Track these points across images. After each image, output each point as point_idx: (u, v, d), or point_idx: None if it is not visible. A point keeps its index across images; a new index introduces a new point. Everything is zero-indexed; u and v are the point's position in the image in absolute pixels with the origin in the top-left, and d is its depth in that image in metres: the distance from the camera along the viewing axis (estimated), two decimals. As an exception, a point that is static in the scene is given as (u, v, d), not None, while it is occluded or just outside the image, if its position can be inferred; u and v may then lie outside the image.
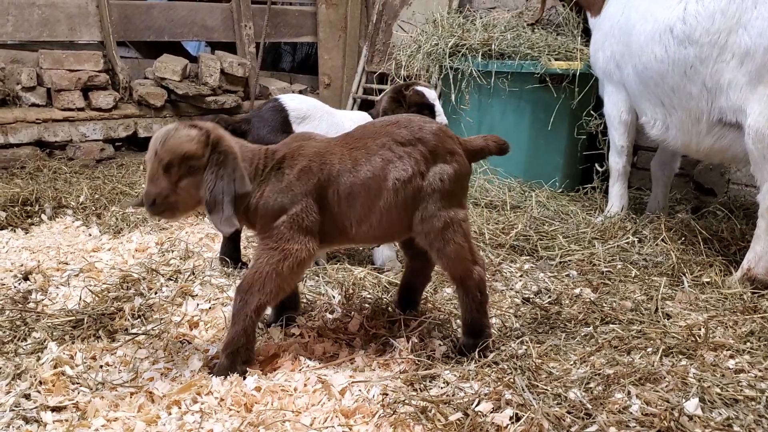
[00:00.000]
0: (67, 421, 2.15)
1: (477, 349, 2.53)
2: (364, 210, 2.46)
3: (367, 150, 2.46)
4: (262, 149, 2.49)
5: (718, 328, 2.81)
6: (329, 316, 2.91)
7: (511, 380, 2.30)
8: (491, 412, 2.15)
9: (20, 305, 3.00)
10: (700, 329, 2.73)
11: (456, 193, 2.51)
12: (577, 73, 4.68)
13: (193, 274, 3.34)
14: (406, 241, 2.79)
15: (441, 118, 3.42)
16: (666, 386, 2.28)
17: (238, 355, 2.40)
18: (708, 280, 3.35)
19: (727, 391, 2.26)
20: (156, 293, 3.12)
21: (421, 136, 2.47)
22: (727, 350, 2.58)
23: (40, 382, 2.32)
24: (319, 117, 3.38)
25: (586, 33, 4.89)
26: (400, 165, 2.44)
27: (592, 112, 4.80)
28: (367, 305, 3.01)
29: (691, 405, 2.14)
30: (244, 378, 2.37)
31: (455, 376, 2.39)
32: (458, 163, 2.51)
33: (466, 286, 2.54)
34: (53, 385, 2.31)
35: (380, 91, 6.46)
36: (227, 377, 2.35)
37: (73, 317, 2.83)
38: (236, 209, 2.34)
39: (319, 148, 2.49)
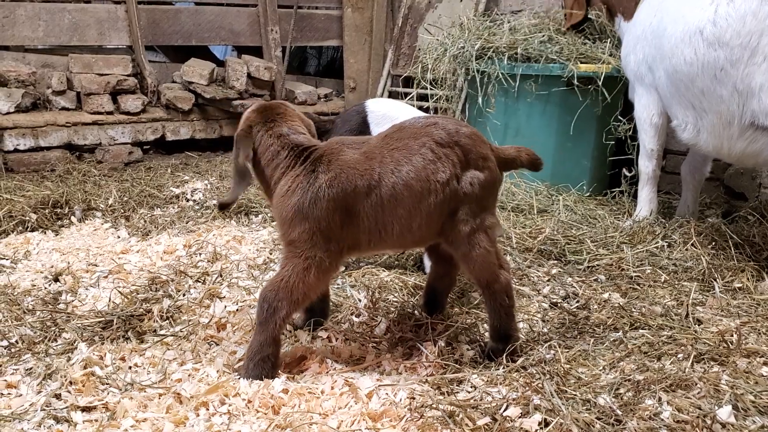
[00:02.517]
0: (96, 421, 2.17)
1: (505, 354, 2.51)
2: (406, 211, 2.39)
3: (408, 150, 2.41)
4: (298, 141, 2.47)
5: (751, 334, 2.76)
6: (355, 319, 2.91)
7: (540, 385, 2.28)
8: (519, 417, 2.13)
9: (51, 306, 3.03)
10: (732, 335, 2.69)
11: (486, 199, 2.49)
12: (602, 76, 4.63)
13: (221, 276, 3.36)
14: (431, 245, 2.79)
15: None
16: (698, 393, 2.25)
17: (267, 362, 2.39)
18: (740, 285, 3.30)
19: (761, 398, 2.22)
20: (184, 295, 3.14)
21: (458, 139, 2.45)
22: (760, 357, 2.54)
23: (71, 382, 2.35)
24: (394, 118, 3.42)
25: (614, 37, 4.84)
26: (440, 166, 2.40)
27: (620, 117, 4.76)
28: (393, 309, 3.00)
29: (724, 412, 2.11)
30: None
31: (483, 380, 2.38)
32: (490, 170, 2.49)
33: (493, 291, 2.53)
34: (83, 386, 2.33)
35: (405, 94, 6.46)
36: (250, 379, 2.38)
37: (103, 318, 2.86)
38: (239, 182, 2.48)
39: (358, 155, 2.42)
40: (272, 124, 2.50)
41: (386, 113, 3.44)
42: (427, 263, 3.46)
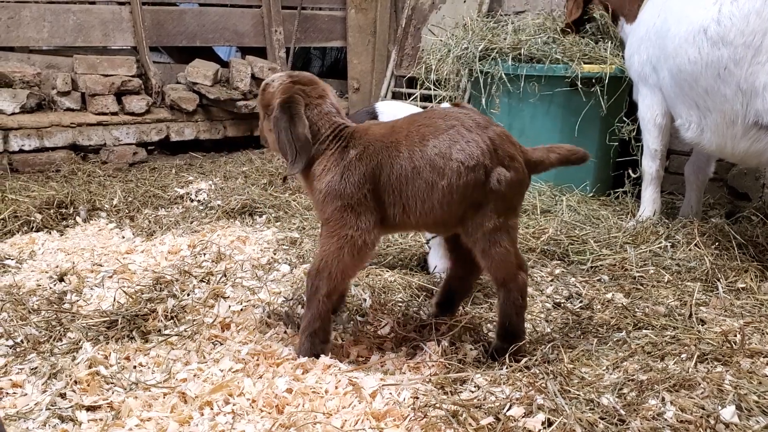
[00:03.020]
0: (101, 420, 2.18)
1: (508, 354, 2.51)
2: (427, 186, 2.41)
3: (435, 128, 2.43)
4: (338, 121, 2.54)
5: (755, 334, 2.76)
6: (360, 319, 2.92)
7: (543, 385, 2.28)
8: (523, 417, 2.13)
9: (56, 306, 3.04)
10: (735, 335, 2.69)
11: (510, 199, 2.46)
12: (607, 77, 4.63)
13: (225, 276, 3.37)
14: (453, 245, 2.81)
15: None
16: (701, 393, 2.25)
17: (317, 336, 2.53)
18: (743, 285, 3.30)
19: (764, 398, 2.22)
20: (188, 295, 3.15)
21: (488, 131, 2.43)
22: (764, 357, 2.54)
23: (76, 382, 2.36)
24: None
25: (616, 38, 4.84)
26: (466, 148, 2.39)
27: (624, 118, 4.75)
28: (397, 309, 3.01)
29: (728, 412, 2.11)
30: (318, 357, 2.52)
31: (486, 380, 2.38)
32: (516, 170, 2.45)
33: (508, 289, 2.52)
34: (88, 385, 2.35)
35: (409, 95, 6.47)
36: (304, 357, 2.53)
37: (108, 318, 2.87)
38: (299, 155, 2.45)
39: (385, 130, 2.51)
40: (320, 101, 2.55)
41: (396, 115, 3.44)
42: (431, 264, 3.47)
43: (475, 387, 2.35)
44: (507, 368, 2.46)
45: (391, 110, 3.49)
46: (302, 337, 2.55)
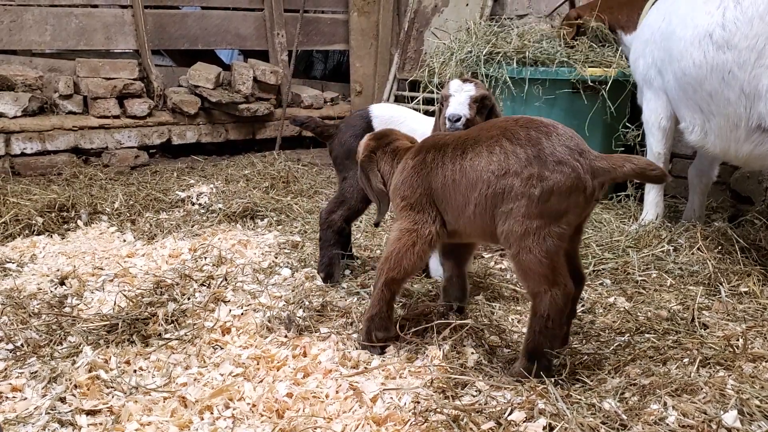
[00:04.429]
0: (101, 424, 2.17)
1: (532, 375, 2.37)
2: (463, 198, 2.49)
3: (476, 141, 2.48)
4: (405, 145, 2.82)
5: (757, 338, 2.75)
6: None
7: (545, 389, 2.27)
8: (524, 422, 2.12)
9: (56, 309, 3.04)
10: (738, 340, 2.68)
11: (552, 204, 2.31)
12: (610, 80, 4.62)
13: (226, 280, 3.36)
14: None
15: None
16: (703, 398, 2.24)
17: (373, 322, 2.68)
18: (746, 289, 3.28)
19: (767, 403, 2.21)
20: (189, 299, 3.14)
21: (535, 139, 2.35)
22: (766, 362, 2.52)
23: (76, 386, 2.35)
24: (399, 122, 3.42)
25: (617, 43, 4.85)
26: (499, 159, 2.37)
27: (627, 124, 4.74)
28: (399, 313, 3.00)
29: (730, 417, 2.10)
30: (383, 351, 2.67)
31: (488, 384, 2.37)
32: (564, 175, 2.30)
33: (535, 304, 2.39)
34: (88, 389, 2.34)
35: (412, 98, 6.46)
36: (363, 342, 2.70)
37: (108, 322, 2.87)
38: (382, 204, 2.83)
39: (440, 139, 2.66)
40: (386, 147, 2.84)
41: (391, 117, 3.45)
42: (433, 268, 3.46)
43: (476, 391, 2.34)
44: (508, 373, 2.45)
45: (384, 113, 3.48)
46: (364, 319, 2.74)
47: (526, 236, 2.33)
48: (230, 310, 3.01)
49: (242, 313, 2.99)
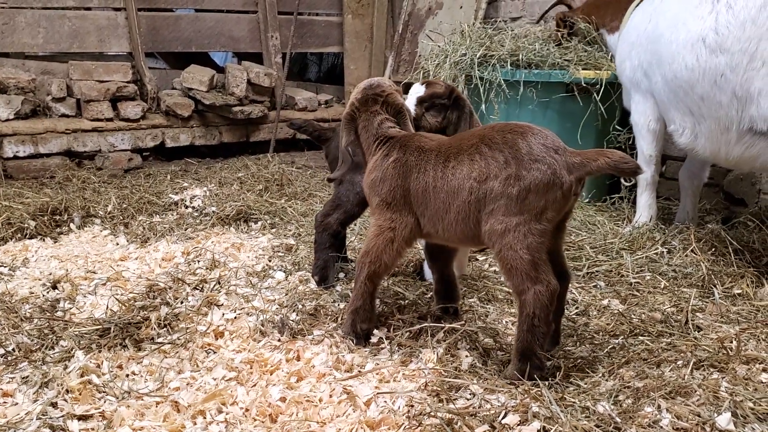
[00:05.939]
0: (93, 429, 2.16)
1: (526, 376, 2.38)
2: (444, 205, 2.54)
3: (458, 150, 2.53)
4: (391, 132, 2.77)
5: (750, 340, 2.75)
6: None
7: (539, 392, 2.27)
8: (518, 425, 2.12)
9: (48, 314, 3.03)
10: (731, 342, 2.68)
11: (529, 202, 2.35)
12: (603, 82, 4.63)
13: (219, 283, 3.35)
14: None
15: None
16: (697, 400, 2.24)
17: (357, 315, 2.75)
18: (739, 291, 3.29)
19: (760, 405, 2.21)
20: (182, 302, 3.13)
21: (512, 141, 2.40)
22: (759, 363, 2.53)
23: (67, 391, 2.34)
24: None
25: (604, 44, 4.88)
26: (480, 165, 2.43)
27: (617, 126, 4.75)
28: (393, 316, 3.00)
29: (724, 419, 2.10)
30: (367, 341, 2.74)
31: (482, 387, 2.36)
32: (540, 172, 2.34)
33: (521, 302, 2.40)
34: (80, 394, 2.33)
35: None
36: (345, 332, 2.77)
37: (100, 326, 2.85)
38: (342, 163, 2.86)
39: (424, 144, 2.67)
40: (371, 115, 2.80)
41: None
42: (427, 272, 3.46)
43: (470, 395, 2.33)
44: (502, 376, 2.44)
45: None
46: (346, 314, 2.83)
47: (506, 234, 2.39)
48: (223, 314, 3.00)
49: (235, 317, 2.98)
